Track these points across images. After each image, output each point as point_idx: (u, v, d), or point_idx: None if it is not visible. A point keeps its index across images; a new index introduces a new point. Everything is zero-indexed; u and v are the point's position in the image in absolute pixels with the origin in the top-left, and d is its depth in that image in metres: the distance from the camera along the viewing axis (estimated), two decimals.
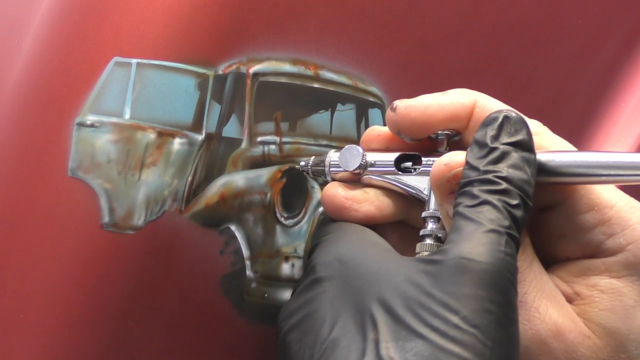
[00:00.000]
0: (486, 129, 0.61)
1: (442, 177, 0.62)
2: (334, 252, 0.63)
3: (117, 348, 0.69)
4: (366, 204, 0.68)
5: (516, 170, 0.60)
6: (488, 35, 0.83)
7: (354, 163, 0.69)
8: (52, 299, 0.68)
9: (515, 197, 0.59)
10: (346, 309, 0.58)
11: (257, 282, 0.73)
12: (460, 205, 0.59)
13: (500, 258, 0.57)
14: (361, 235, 0.65)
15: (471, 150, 0.61)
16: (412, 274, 0.57)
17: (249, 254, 0.72)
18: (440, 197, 0.63)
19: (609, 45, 0.91)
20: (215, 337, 0.73)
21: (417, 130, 0.66)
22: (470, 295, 0.55)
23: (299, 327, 0.61)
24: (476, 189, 0.59)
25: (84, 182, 0.68)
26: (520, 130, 0.61)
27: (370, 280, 0.59)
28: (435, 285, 0.56)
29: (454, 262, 0.56)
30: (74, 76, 0.69)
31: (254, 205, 0.72)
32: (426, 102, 0.66)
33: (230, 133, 0.71)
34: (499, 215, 0.58)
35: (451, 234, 0.59)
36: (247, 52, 0.71)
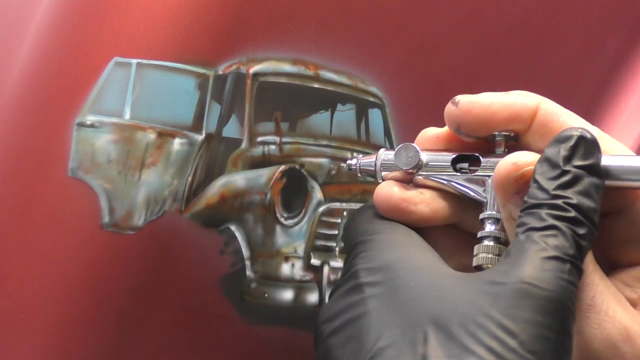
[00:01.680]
0: (559, 146, 0.60)
1: (508, 176, 0.61)
2: (381, 257, 0.61)
3: (117, 348, 0.69)
4: (422, 206, 0.66)
5: (586, 198, 0.59)
6: (488, 35, 0.83)
7: (410, 162, 0.66)
8: (52, 299, 0.68)
9: (583, 227, 0.58)
10: (395, 319, 0.57)
11: (257, 282, 0.73)
12: (526, 226, 0.58)
13: (562, 286, 0.56)
14: (410, 242, 0.63)
15: (541, 167, 0.60)
16: (471, 294, 0.56)
17: (249, 254, 0.72)
18: (504, 197, 0.62)
19: (609, 45, 0.91)
20: (215, 337, 0.73)
21: (477, 128, 0.64)
22: (529, 321, 0.55)
23: (342, 331, 0.59)
24: (544, 212, 0.58)
25: (84, 182, 0.68)
26: (594, 153, 0.60)
27: (422, 294, 0.57)
28: (495, 307, 0.55)
29: (516, 285, 0.56)
30: (74, 76, 0.69)
31: (254, 205, 0.72)
32: (489, 99, 0.64)
33: (230, 133, 0.71)
34: (565, 243, 0.57)
35: (514, 255, 0.57)
36: (247, 52, 0.71)
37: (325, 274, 0.77)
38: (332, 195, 0.77)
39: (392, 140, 0.80)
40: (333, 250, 0.78)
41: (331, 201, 0.77)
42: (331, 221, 0.77)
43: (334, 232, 0.78)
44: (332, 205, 0.77)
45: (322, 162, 0.76)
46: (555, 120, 0.64)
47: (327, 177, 0.75)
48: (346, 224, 0.67)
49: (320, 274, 0.77)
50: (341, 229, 0.78)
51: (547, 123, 0.64)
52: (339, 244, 0.78)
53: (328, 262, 0.77)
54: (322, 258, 0.77)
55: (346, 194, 0.78)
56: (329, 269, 0.77)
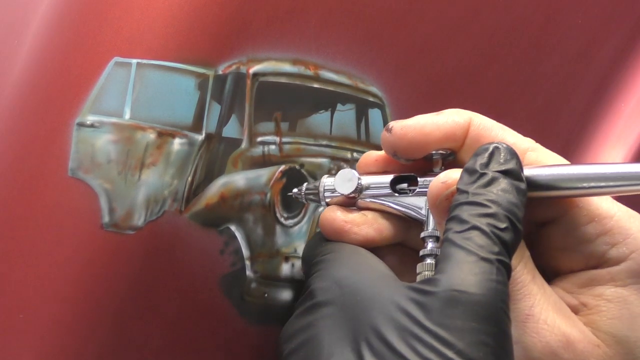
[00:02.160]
0: (476, 158, 0.62)
1: (440, 195, 0.62)
2: (333, 275, 0.63)
3: (116, 348, 0.69)
4: (365, 227, 0.67)
5: (505, 193, 0.60)
6: (488, 36, 0.83)
7: (349, 187, 0.68)
8: (52, 299, 0.68)
9: (504, 220, 0.59)
10: (344, 336, 0.58)
11: (257, 282, 0.73)
12: (450, 232, 0.59)
13: (492, 288, 0.56)
14: (359, 257, 0.65)
15: (461, 178, 0.62)
16: (405, 303, 0.57)
17: (249, 254, 0.72)
18: (438, 215, 0.63)
19: (609, 45, 0.91)
20: (215, 337, 0.73)
21: (413, 151, 0.66)
22: (464, 328, 0.55)
23: (298, 352, 0.61)
24: (465, 213, 0.59)
25: (84, 182, 0.68)
26: (510, 160, 0.61)
27: (365, 307, 0.59)
28: (428, 317, 0.56)
29: (446, 294, 0.56)
30: (74, 76, 0.69)
31: (254, 205, 0.72)
32: (422, 121, 0.66)
33: (230, 133, 0.71)
34: (488, 241, 0.58)
35: (441, 263, 0.58)
36: (247, 52, 0.71)
37: None
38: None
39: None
40: None
41: None
42: None
43: None
44: None
45: (322, 162, 0.76)
46: (487, 135, 0.66)
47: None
48: (303, 249, 0.70)
49: None
50: None
51: (479, 138, 0.65)
52: None
53: None
54: None
55: None
56: None
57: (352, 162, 0.77)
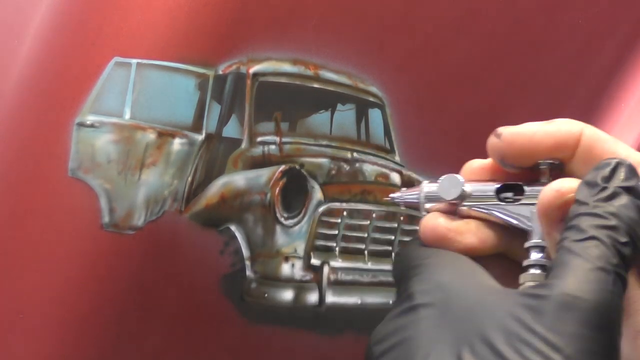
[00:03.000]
0: (598, 172, 0.60)
1: (552, 204, 0.61)
2: (434, 280, 0.61)
3: (117, 347, 0.69)
4: (468, 235, 0.65)
5: (627, 210, 0.59)
6: (488, 36, 0.83)
7: (453, 192, 0.66)
8: (52, 299, 0.68)
9: (624, 235, 0.57)
10: (443, 339, 0.57)
11: (257, 282, 0.73)
12: (566, 240, 0.58)
13: (607, 298, 0.55)
14: (461, 263, 0.63)
15: (580, 191, 0.60)
16: (514, 308, 0.56)
17: (249, 254, 0.72)
18: (549, 225, 0.62)
19: (609, 45, 0.91)
20: (215, 337, 0.73)
21: (521, 158, 0.64)
22: (574, 334, 0.54)
23: (391, 352, 0.59)
24: (584, 223, 0.58)
25: (84, 182, 0.68)
26: (633, 177, 0.60)
27: (470, 312, 0.57)
28: (538, 321, 0.55)
29: (559, 298, 0.55)
30: (74, 76, 0.69)
31: (254, 205, 0.72)
32: (532, 129, 0.64)
33: (230, 133, 0.71)
34: (607, 252, 0.56)
35: (555, 269, 0.57)
36: (247, 52, 0.71)
37: (325, 274, 0.77)
38: (332, 195, 0.77)
39: (392, 140, 0.80)
40: (333, 250, 0.78)
41: (331, 201, 0.77)
42: (331, 221, 0.77)
43: (334, 232, 0.78)
44: (332, 205, 0.77)
45: (322, 162, 0.76)
46: (599, 147, 0.64)
47: (327, 177, 0.75)
48: (396, 255, 0.68)
49: (320, 274, 0.77)
50: (341, 228, 0.78)
51: (591, 150, 0.63)
52: (339, 244, 0.78)
53: (328, 262, 0.77)
54: (322, 258, 0.77)
55: (346, 194, 0.78)
56: (329, 269, 0.77)
57: (352, 162, 0.77)
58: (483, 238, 0.66)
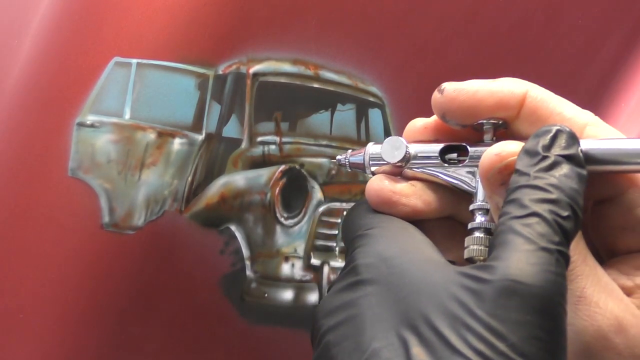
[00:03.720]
0: (538, 139, 0.59)
1: (492, 167, 0.60)
2: (379, 252, 0.60)
3: (117, 348, 0.69)
4: (414, 198, 0.64)
5: (568, 179, 0.58)
6: (488, 35, 0.83)
7: (397, 155, 0.65)
8: (52, 299, 0.68)
9: (567, 209, 0.56)
10: (389, 318, 0.56)
11: (257, 282, 0.73)
12: (508, 216, 0.57)
13: (550, 280, 0.54)
14: (406, 234, 0.62)
15: (520, 159, 0.59)
16: (457, 291, 0.55)
17: (249, 254, 0.72)
18: (490, 188, 0.61)
19: (609, 45, 0.91)
20: (215, 337, 0.73)
21: (464, 115, 0.63)
22: (518, 321, 0.53)
23: (338, 329, 0.58)
24: (526, 197, 0.57)
25: (84, 182, 0.68)
26: (573, 145, 0.59)
27: (414, 291, 0.56)
28: (481, 307, 0.54)
29: (501, 283, 0.54)
30: (74, 76, 0.69)
31: (254, 205, 0.72)
32: (475, 86, 0.63)
33: (230, 133, 0.71)
34: (549, 230, 0.55)
35: (497, 249, 0.56)
36: (247, 52, 0.71)
37: (325, 274, 0.77)
38: (332, 195, 0.77)
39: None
40: (333, 250, 0.78)
41: (331, 201, 0.77)
42: (331, 221, 0.77)
43: (334, 232, 0.78)
44: (332, 205, 0.77)
45: (322, 162, 0.76)
46: (544, 107, 0.63)
47: (327, 177, 0.75)
48: (344, 219, 0.67)
49: (320, 274, 0.77)
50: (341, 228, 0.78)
51: (535, 110, 0.63)
52: (339, 244, 0.78)
53: (328, 262, 0.77)
54: (322, 258, 0.77)
55: (346, 194, 0.78)
56: (329, 269, 0.77)
57: None
58: (428, 200, 0.65)
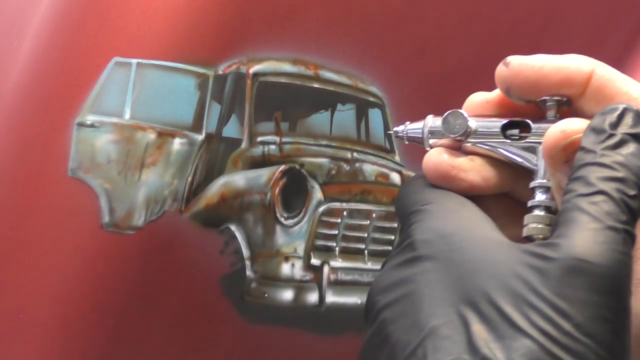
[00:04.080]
0: (604, 117, 0.58)
1: (557, 145, 0.59)
2: (437, 228, 0.59)
3: (116, 347, 0.69)
4: (472, 173, 0.63)
5: (635, 158, 0.56)
6: (488, 35, 0.83)
7: (458, 129, 0.63)
8: (52, 299, 0.68)
9: (634, 187, 0.55)
10: (448, 296, 0.55)
11: (257, 282, 0.73)
12: (573, 193, 0.55)
13: (617, 260, 0.53)
14: (465, 211, 0.61)
15: (586, 136, 0.58)
16: (520, 269, 0.54)
17: (249, 254, 0.72)
18: (553, 166, 0.60)
19: (609, 45, 0.91)
20: (215, 337, 0.73)
21: (528, 90, 0.62)
22: (585, 301, 0.52)
23: (395, 306, 0.57)
24: (592, 175, 0.56)
25: (84, 182, 0.68)
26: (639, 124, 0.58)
27: (475, 268, 0.55)
28: (547, 285, 0.52)
29: (568, 262, 0.53)
30: (74, 76, 0.69)
31: (254, 205, 0.72)
32: (542, 61, 0.61)
33: (230, 133, 0.71)
34: (616, 209, 0.54)
35: (563, 226, 0.55)
36: (247, 52, 0.71)
37: (325, 274, 0.77)
38: (332, 195, 0.77)
39: (392, 140, 0.80)
40: (333, 250, 0.78)
41: (331, 201, 0.77)
42: (331, 221, 0.77)
43: (334, 232, 0.78)
44: (332, 205, 0.77)
45: (322, 162, 0.76)
46: (610, 86, 0.61)
47: (327, 177, 0.75)
48: (399, 193, 0.65)
49: (320, 274, 0.77)
50: (341, 228, 0.78)
51: (602, 89, 0.61)
52: (339, 244, 0.78)
53: (328, 262, 0.77)
54: (322, 258, 0.77)
55: (346, 194, 0.78)
56: (329, 269, 0.77)
57: (352, 162, 0.77)
58: (487, 176, 0.63)
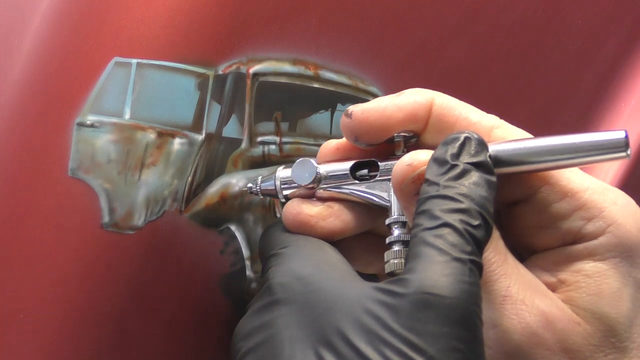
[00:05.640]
0: (447, 147, 0.59)
1: (405, 178, 0.60)
2: (293, 271, 0.60)
3: (117, 348, 0.69)
4: (332, 219, 0.65)
5: (477, 187, 0.57)
6: (488, 36, 0.83)
7: (307, 177, 0.65)
8: (52, 299, 0.68)
9: (477, 217, 0.56)
10: (305, 338, 0.56)
11: (257, 282, 0.73)
12: (419, 227, 0.56)
13: (465, 290, 0.54)
14: (320, 252, 0.62)
15: (430, 168, 0.59)
16: (372, 306, 0.55)
17: (249, 254, 0.72)
18: (405, 199, 0.61)
19: (609, 45, 0.91)
20: (215, 337, 0.73)
21: (375, 134, 0.64)
22: (435, 333, 0.53)
23: (256, 351, 0.58)
24: (436, 207, 0.57)
25: (84, 182, 0.68)
26: (481, 152, 0.59)
27: (329, 308, 0.56)
28: (397, 321, 0.53)
29: (416, 296, 0.53)
30: (74, 76, 0.69)
31: (254, 205, 0.72)
32: (382, 104, 0.63)
33: (230, 133, 0.71)
34: (461, 240, 0.55)
35: (411, 261, 0.56)
36: (247, 52, 0.71)
37: None
38: None
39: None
40: None
41: None
42: None
43: None
44: None
45: None
46: (450, 115, 0.63)
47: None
48: (260, 238, 0.67)
49: None
50: None
51: (442, 118, 0.63)
52: None
53: None
54: None
55: None
56: None
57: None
58: (347, 220, 0.65)
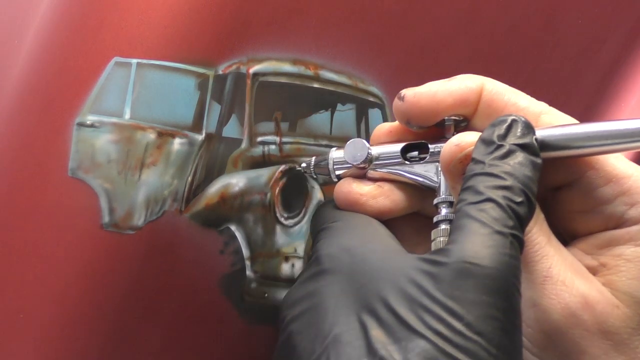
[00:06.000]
0: (494, 128, 0.62)
1: (453, 158, 0.62)
2: (341, 243, 0.62)
3: (116, 348, 0.69)
4: (382, 199, 0.67)
5: (522, 167, 0.60)
6: (488, 36, 0.83)
7: (359, 157, 0.67)
8: (52, 299, 0.68)
9: (520, 194, 0.58)
10: (349, 304, 0.58)
11: (257, 282, 0.73)
12: (464, 202, 0.59)
13: (504, 262, 0.56)
14: (368, 227, 0.65)
15: (477, 148, 0.61)
16: (415, 274, 0.57)
17: (249, 254, 0.72)
18: (452, 179, 0.63)
19: (609, 45, 0.91)
20: (215, 337, 0.73)
21: (426, 118, 0.66)
22: (474, 301, 0.55)
23: (301, 318, 0.60)
24: (480, 184, 0.59)
25: (84, 182, 0.68)
26: (528, 134, 0.61)
27: (374, 277, 0.58)
28: (438, 288, 0.56)
29: (457, 265, 0.56)
30: (74, 76, 0.69)
31: (254, 205, 0.72)
32: (434, 88, 0.66)
33: (230, 133, 0.71)
34: (503, 215, 0.57)
35: (454, 233, 0.58)
36: (247, 52, 0.71)
37: None
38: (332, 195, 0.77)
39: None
40: None
41: None
42: None
43: None
44: None
45: None
46: (499, 100, 0.65)
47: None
48: (313, 215, 0.69)
49: None
50: None
51: (491, 103, 0.65)
52: None
53: None
54: None
55: None
56: None
57: None
58: (396, 200, 0.67)
